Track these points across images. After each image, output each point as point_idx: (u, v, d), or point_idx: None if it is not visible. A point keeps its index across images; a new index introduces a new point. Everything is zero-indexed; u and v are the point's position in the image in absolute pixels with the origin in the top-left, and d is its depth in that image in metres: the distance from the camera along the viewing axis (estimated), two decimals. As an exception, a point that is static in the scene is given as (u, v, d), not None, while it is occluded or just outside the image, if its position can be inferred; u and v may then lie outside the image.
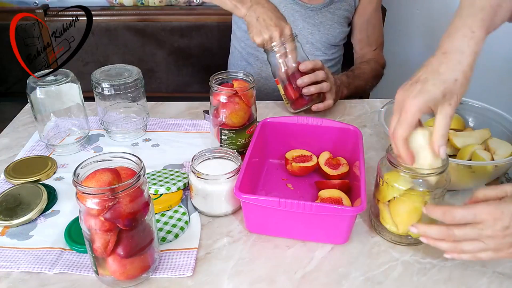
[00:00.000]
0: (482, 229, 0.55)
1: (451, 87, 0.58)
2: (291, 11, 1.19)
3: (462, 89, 0.59)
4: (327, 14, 1.21)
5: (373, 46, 1.30)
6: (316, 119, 0.83)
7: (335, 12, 1.21)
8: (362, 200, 0.64)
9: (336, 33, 1.24)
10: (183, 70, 1.58)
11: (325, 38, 1.23)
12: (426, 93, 0.59)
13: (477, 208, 0.55)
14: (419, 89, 0.59)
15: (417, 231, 0.60)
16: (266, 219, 0.69)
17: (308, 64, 0.95)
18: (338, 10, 1.21)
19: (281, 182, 0.81)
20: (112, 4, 1.61)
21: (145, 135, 0.96)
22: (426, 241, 0.60)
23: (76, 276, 0.63)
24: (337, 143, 0.83)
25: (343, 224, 0.66)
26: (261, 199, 0.66)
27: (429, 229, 0.59)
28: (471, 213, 0.55)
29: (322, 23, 1.21)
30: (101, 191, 0.53)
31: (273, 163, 0.86)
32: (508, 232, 0.54)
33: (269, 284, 0.62)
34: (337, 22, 1.22)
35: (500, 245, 0.55)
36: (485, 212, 0.55)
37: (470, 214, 0.55)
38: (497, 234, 0.54)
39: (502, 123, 0.86)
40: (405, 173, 0.64)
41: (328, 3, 1.20)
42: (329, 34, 1.23)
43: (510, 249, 0.55)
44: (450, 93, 0.59)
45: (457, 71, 0.59)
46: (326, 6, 1.20)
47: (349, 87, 1.12)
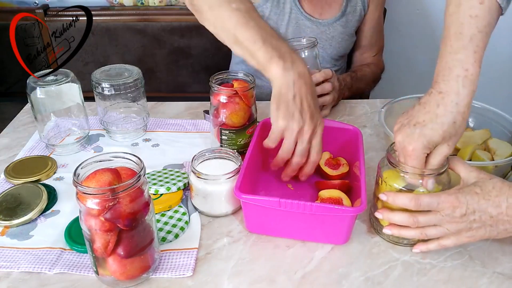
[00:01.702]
0: (443, 215, 0.61)
1: (450, 130, 0.59)
2: (303, 27, 1.19)
3: (460, 130, 0.60)
4: (338, 27, 1.20)
5: (374, 52, 1.30)
6: None
7: (346, 25, 1.21)
8: (362, 200, 0.64)
9: (347, 45, 1.24)
10: (183, 70, 1.58)
11: (336, 51, 1.23)
12: (425, 138, 0.60)
13: (441, 197, 0.61)
14: (418, 133, 0.60)
15: (381, 216, 0.65)
16: (266, 219, 0.69)
17: (319, 77, 0.94)
18: (350, 22, 1.21)
19: (281, 182, 0.81)
20: (112, 4, 1.61)
21: (145, 135, 0.96)
22: (391, 232, 0.65)
23: (76, 276, 0.63)
24: (337, 143, 0.83)
25: (343, 225, 0.66)
26: (261, 199, 0.66)
27: (394, 215, 0.64)
28: (435, 201, 0.61)
29: (334, 37, 1.20)
30: (101, 191, 0.53)
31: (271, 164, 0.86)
32: (465, 218, 0.60)
33: (269, 284, 0.62)
34: (348, 34, 1.22)
35: (459, 229, 0.61)
36: (446, 201, 0.60)
37: (434, 202, 0.61)
38: (456, 220, 0.60)
39: (502, 123, 0.86)
40: (404, 173, 0.64)
41: (340, 16, 1.19)
42: (340, 47, 1.22)
43: (468, 232, 0.61)
44: (449, 136, 0.60)
45: (455, 113, 0.59)
46: (337, 20, 1.19)
47: (351, 88, 1.12)
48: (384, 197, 0.64)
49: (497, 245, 0.68)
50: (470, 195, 0.60)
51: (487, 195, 0.59)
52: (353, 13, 1.21)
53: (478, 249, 0.68)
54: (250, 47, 0.70)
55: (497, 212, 0.59)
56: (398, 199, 0.63)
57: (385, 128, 0.82)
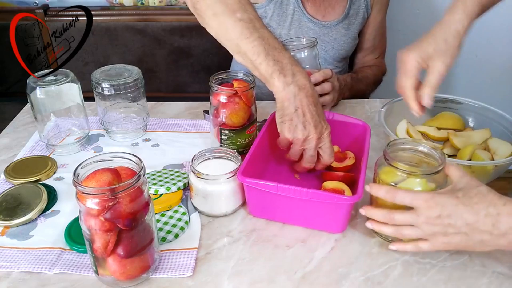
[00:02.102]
0: (418, 215, 0.60)
1: (441, 45, 0.71)
2: (306, 29, 1.18)
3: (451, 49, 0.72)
4: (341, 30, 1.20)
5: (376, 54, 1.30)
6: (327, 112, 0.84)
7: (349, 27, 1.20)
8: (358, 190, 0.66)
9: (350, 47, 1.24)
10: (183, 70, 1.58)
11: (338, 54, 1.22)
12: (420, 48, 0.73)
13: (416, 193, 0.61)
14: (415, 45, 0.74)
15: (364, 212, 0.66)
16: (266, 203, 0.71)
17: (318, 77, 0.94)
18: (352, 25, 1.21)
19: (289, 173, 0.83)
20: (112, 4, 1.61)
21: (145, 135, 0.96)
22: (371, 226, 0.66)
23: (76, 276, 0.63)
24: (346, 137, 0.85)
25: (339, 213, 0.68)
26: (260, 183, 0.68)
27: (374, 212, 0.65)
28: (410, 196, 0.61)
29: (336, 40, 1.20)
30: (101, 191, 0.53)
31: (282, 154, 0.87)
32: (440, 221, 0.59)
33: (269, 284, 0.62)
34: (351, 37, 1.22)
35: (434, 232, 0.60)
36: (421, 198, 0.60)
37: (408, 197, 0.61)
38: (430, 221, 0.59)
39: (502, 123, 0.86)
40: (402, 172, 0.64)
41: (342, 18, 1.19)
42: (342, 50, 1.22)
43: (444, 238, 0.59)
44: (440, 51, 0.71)
45: (448, 33, 0.72)
46: (340, 22, 1.19)
47: (351, 89, 1.12)
48: (368, 188, 0.65)
49: (497, 245, 0.68)
50: (450, 198, 0.59)
51: (468, 201, 0.58)
52: (356, 16, 1.21)
53: (478, 249, 0.68)
54: (253, 60, 0.71)
55: (473, 220, 0.57)
56: (378, 191, 0.64)
57: (385, 128, 0.82)
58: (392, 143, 0.68)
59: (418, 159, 0.69)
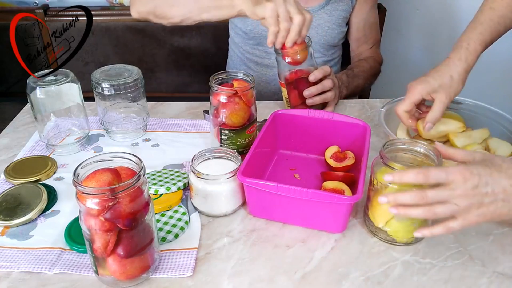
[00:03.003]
0: (453, 188, 0.57)
1: (446, 81, 0.79)
2: None
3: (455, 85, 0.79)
4: (324, 15, 1.20)
5: (370, 44, 1.29)
6: (327, 113, 0.84)
7: (332, 13, 1.20)
8: (358, 190, 0.66)
9: (335, 34, 1.23)
10: (183, 70, 1.58)
11: (323, 40, 1.22)
12: (427, 82, 0.80)
13: (449, 168, 0.58)
14: (422, 79, 0.81)
15: (386, 200, 0.61)
16: (266, 204, 0.71)
17: (317, 74, 0.94)
18: (335, 11, 1.21)
19: (289, 172, 0.83)
20: (112, 4, 1.61)
21: (145, 135, 0.96)
22: (396, 212, 0.61)
23: (76, 276, 0.63)
24: (346, 137, 0.85)
25: (338, 213, 0.68)
26: (260, 183, 0.68)
27: (401, 196, 0.60)
28: (444, 172, 0.58)
29: (319, 25, 1.20)
30: (101, 191, 0.53)
31: (283, 154, 0.88)
32: (477, 191, 0.57)
33: (269, 284, 0.62)
34: (335, 23, 1.21)
35: (470, 205, 0.57)
36: (456, 171, 0.58)
37: (442, 173, 0.58)
38: (467, 193, 0.57)
39: (502, 123, 0.86)
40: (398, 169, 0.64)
41: (325, 4, 1.19)
42: (327, 36, 1.22)
43: (479, 209, 0.58)
44: (445, 86, 0.79)
45: (453, 70, 0.80)
46: (322, 8, 1.19)
47: (348, 86, 1.12)
48: (389, 178, 0.61)
49: (497, 245, 0.68)
50: (482, 167, 0.58)
51: (499, 167, 0.58)
52: (339, 2, 1.20)
53: (478, 249, 0.68)
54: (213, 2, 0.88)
55: (510, 184, 0.57)
56: (405, 176, 0.60)
57: (385, 128, 0.82)
58: (388, 144, 0.68)
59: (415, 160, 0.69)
